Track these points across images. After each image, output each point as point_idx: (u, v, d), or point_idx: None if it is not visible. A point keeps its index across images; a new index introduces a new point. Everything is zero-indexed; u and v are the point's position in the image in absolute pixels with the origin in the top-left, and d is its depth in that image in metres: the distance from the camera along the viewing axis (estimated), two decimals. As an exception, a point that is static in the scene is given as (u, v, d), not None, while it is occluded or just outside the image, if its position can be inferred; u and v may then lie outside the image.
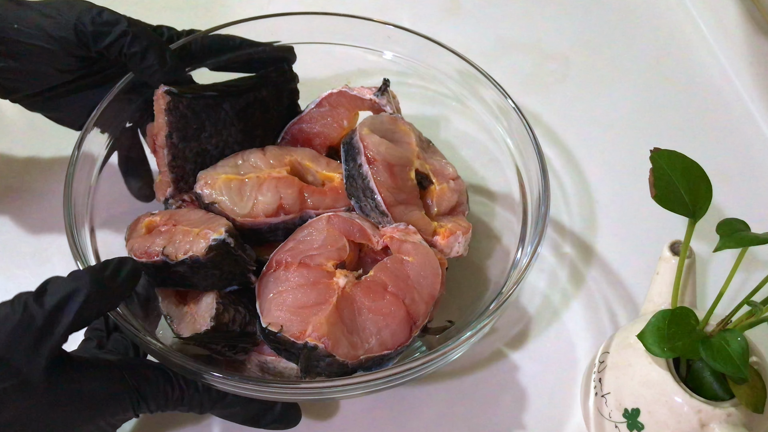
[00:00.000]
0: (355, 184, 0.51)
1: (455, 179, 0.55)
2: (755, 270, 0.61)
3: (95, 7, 0.51)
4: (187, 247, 0.45)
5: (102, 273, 0.41)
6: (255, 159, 0.53)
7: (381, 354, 0.46)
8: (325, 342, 0.44)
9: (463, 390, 0.54)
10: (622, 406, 0.46)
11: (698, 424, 0.43)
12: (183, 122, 0.51)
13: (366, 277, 0.48)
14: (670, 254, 0.50)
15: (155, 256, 0.46)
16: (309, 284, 0.47)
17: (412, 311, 0.47)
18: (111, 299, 0.41)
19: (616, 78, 0.75)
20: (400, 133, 0.54)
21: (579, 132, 0.70)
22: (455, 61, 0.58)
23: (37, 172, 0.65)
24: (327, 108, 0.57)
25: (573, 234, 0.63)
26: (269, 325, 0.45)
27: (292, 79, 0.58)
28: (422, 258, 0.49)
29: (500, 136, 0.58)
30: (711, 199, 0.44)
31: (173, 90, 0.50)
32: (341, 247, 0.49)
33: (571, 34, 0.79)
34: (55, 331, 0.38)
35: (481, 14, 0.80)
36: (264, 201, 0.50)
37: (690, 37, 0.79)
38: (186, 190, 0.53)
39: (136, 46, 0.50)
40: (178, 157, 0.52)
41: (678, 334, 0.43)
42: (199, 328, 0.46)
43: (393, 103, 0.57)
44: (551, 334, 0.58)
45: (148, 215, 0.51)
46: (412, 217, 0.51)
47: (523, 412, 0.54)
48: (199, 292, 0.48)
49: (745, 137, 0.71)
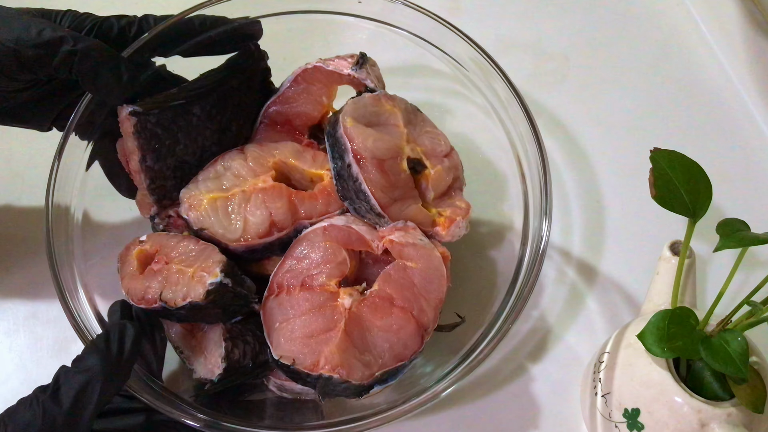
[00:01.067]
0: (346, 186, 0.49)
1: (448, 155, 0.53)
2: (755, 270, 0.60)
3: (33, 23, 0.45)
4: (185, 291, 0.45)
5: (110, 353, 0.40)
6: (236, 166, 0.50)
7: (395, 366, 0.46)
8: (340, 372, 0.44)
9: (463, 389, 0.54)
10: (622, 406, 0.46)
11: (698, 424, 0.43)
12: (154, 141, 0.48)
13: (371, 292, 0.47)
14: (670, 254, 0.50)
15: (153, 303, 0.45)
16: (315, 309, 0.46)
17: (421, 321, 0.47)
18: (124, 374, 0.41)
19: (616, 78, 0.75)
20: (385, 114, 0.51)
21: (579, 132, 0.70)
22: (463, 47, 0.57)
23: (37, 171, 0.65)
24: (303, 86, 0.54)
25: (573, 233, 0.63)
26: (281, 357, 0.45)
27: (261, 58, 0.54)
28: (426, 262, 0.48)
29: (501, 127, 0.58)
30: (711, 199, 0.44)
31: (137, 109, 0.46)
32: (341, 261, 0.48)
33: (571, 34, 0.79)
34: (78, 428, 0.38)
35: (481, 14, 0.80)
36: (254, 221, 0.48)
37: (690, 37, 0.79)
38: (169, 204, 0.51)
39: (86, 64, 0.45)
40: (157, 178, 0.49)
41: (678, 334, 0.43)
42: (211, 375, 0.46)
43: (373, 74, 0.53)
44: (551, 334, 0.57)
45: (137, 243, 0.50)
46: (410, 212, 0.50)
47: (522, 412, 0.54)
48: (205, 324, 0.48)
49: (745, 137, 0.71)
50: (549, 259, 0.61)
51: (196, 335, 0.49)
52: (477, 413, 0.53)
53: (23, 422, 0.38)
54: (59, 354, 0.55)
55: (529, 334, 0.57)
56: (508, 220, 0.59)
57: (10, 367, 0.54)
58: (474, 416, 0.53)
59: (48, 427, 0.37)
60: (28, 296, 0.58)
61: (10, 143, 0.66)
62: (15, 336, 0.56)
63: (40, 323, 0.57)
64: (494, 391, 0.55)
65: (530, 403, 0.54)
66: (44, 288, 0.58)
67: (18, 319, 0.57)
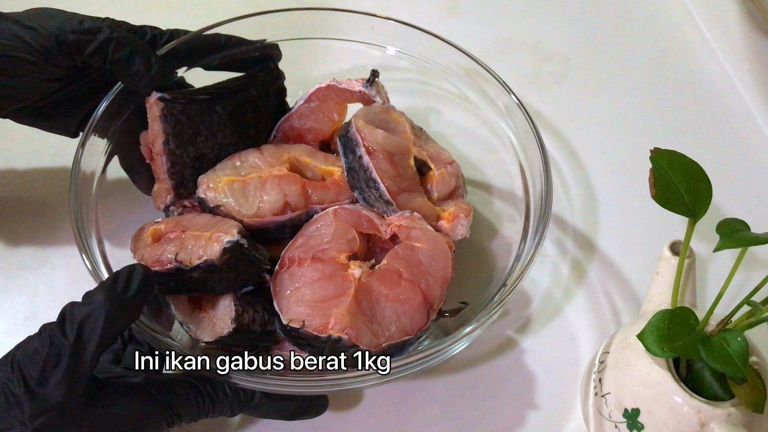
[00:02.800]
0: (357, 176, 0.51)
1: (451, 163, 0.56)
2: (755, 270, 0.60)
3: (76, 16, 0.50)
4: (200, 253, 0.45)
5: (115, 288, 0.40)
6: (254, 159, 0.53)
7: (402, 340, 0.46)
8: (349, 333, 0.44)
9: (463, 388, 0.55)
10: (622, 406, 0.46)
11: (698, 424, 0.43)
12: (179, 128, 0.51)
13: (380, 266, 0.49)
14: (670, 254, 0.50)
15: (168, 264, 0.46)
16: (325, 278, 0.47)
17: (428, 296, 0.48)
18: (130, 312, 0.41)
19: (616, 78, 0.75)
20: (393, 122, 0.55)
21: (579, 132, 0.70)
22: (459, 58, 0.58)
23: (37, 171, 0.65)
24: (316, 103, 0.57)
25: (573, 233, 0.63)
26: (290, 321, 0.46)
27: (278, 77, 0.58)
28: (432, 243, 0.50)
29: (503, 132, 0.59)
30: (711, 199, 0.44)
31: (166, 96, 0.50)
32: (351, 238, 0.49)
33: (571, 34, 0.79)
34: (83, 359, 0.39)
35: (481, 14, 0.80)
36: (269, 200, 0.50)
37: (690, 37, 0.79)
38: (185, 196, 0.53)
39: (121, 52, 0.50)
40: (177, 163, 0.52)
41: (678, 334, 0.43)
42: (221, 331, 0.46)
43: (382, 94, 0.57)
44: (551, 334, 0.58)
45: (152, 224, 0.51)
46: (416, 203, 0.52)
47: (522, 412, 0.54)
48: (214, 296, 0.48)
49: (745, 137, 0.71)
50: (548, 259, 0.62)
51: (204, 307, 0.49)
52: (475, 415, 0.53)
53: (31, 350, 0.39)
54: (59, 354, 0.55)
55: (528, 335, 0.57)
56: (507, 217, 0.59)
57: (10, 367, 0.54)
58: (472, 418, 0.53)
59: (54, 355, 0.38)
60: (28, 296, 0.58)
61: (10, 143, 0.66)
62: (15, 336, 0.56)
63: (40, 323, 0.56)
64: (493, 392, 0.54)
65: (530, 404, 0.54)
66: (44, 288, 0.58)
67: (18, 319, 0.57)
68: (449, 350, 0.47)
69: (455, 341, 0.46)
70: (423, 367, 0.46)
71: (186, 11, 0.77)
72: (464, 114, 0.62)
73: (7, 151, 0.66)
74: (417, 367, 0.46)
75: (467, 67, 0.59)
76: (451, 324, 0.51)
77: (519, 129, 0.56)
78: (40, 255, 0.60)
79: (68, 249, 0.60)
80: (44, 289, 0.58)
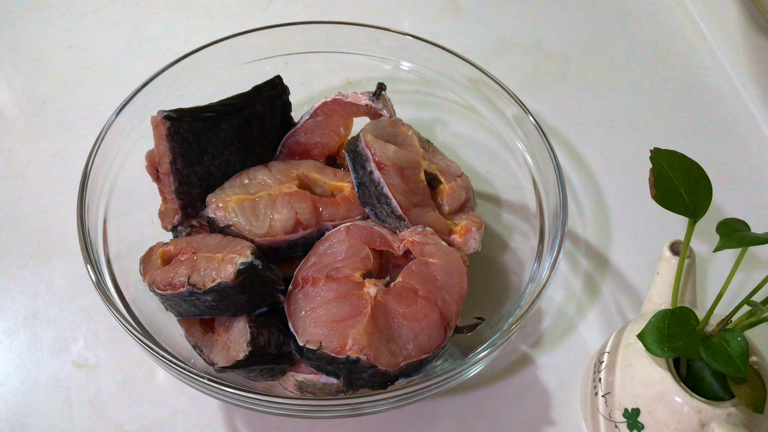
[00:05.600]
0: (368, 192, 0.51)
1: (461, 176, 0.55)
2: (755, 270, 0.61)
3: None
4: (213, 275, 0.44)
5: None
6: (262, 176, 0.52)
7: (420, 359, 0.46)
8: (367, 353, 0.44)
9: (463, 388, 0.54)
10: (622, 406, 0.46)
11: (698, 424, 0.43)
12: (185, 147, 0.50)
13: (395, 284, 0.48)
14: (670, 254, 0.50)
15: (181, 287, 0.45)
16: (340, 297, 0.46)
17: (445, 312, 0.47)
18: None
19: (616, 78, 0.75)
20: (402, 136, 0.54)
21: (579, 132, 0.71)
22: (465, 68, 0.58)
23: (37, 171, 0.65)
24: (322, 117, 0.57)
25: (573, 233, 0.63)
26: (307, 343, 0.45)
27: (283, 92, 0.57)
28: (446, 258, 0.49)
29: (512, 142, 0.58)
30: (711, 199, 0.44)
31: (172, 114, 0.49)
32: (365, 256, 0.49)
33: (571, 34, 0.79)
34: None
35: (481, 14, 0.80)
36: (281, 218, 0.49)
37: (690, 37, 0.79)
38: (193, 216, 0.53)
39: None
40: (185, 182, 0.51)
41: (678, 334, 0.43)
42: (237, 355, 0.45)
43: (389, 107, 0.56)
44: (550, 335, 0.58)
45: (161, 245, 0.50)
46: (428, 218, 0.51)
47: (522, 412, 0.54)
48: (227, 318, 0.48)
49: (745, 137, 0.71)
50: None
51: (217, 329, 0.49)
52: (475, 412, 0.53)
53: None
54: (59, 354, 0.55)
55: (528, 335, 0.57)
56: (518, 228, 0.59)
57: (10, 367, 0.54)
58: (472, 416, 0.53)
59: None
60: (28, 296, 0.58)
61: (10, 143, 0.66)
62: (15, 336, 0.56)
63: (40, 323, 0.57)
64: (493, 392, 0.54)
65: (530, 404, 0.54)
66: (44, 288, 0.58)
67: (18, 319, 0.57)
68: (465, 373, 0.46)
69: (472, 364, 0.45)
70: (439, 389, 0.46)
71: (186, 11, 0.77)
72: (471, 125, 0.62)
73: (7, 151, 0.66)
74: (434, 390, 0.45)
75: (473, 77, 0.59)
76: (467, 340, 0.51)
77: (528, 139, 0.56)
78: (40, 255, 0.60)
79: (68, 249, 0.60)
80: (44, 289, 0.58)
